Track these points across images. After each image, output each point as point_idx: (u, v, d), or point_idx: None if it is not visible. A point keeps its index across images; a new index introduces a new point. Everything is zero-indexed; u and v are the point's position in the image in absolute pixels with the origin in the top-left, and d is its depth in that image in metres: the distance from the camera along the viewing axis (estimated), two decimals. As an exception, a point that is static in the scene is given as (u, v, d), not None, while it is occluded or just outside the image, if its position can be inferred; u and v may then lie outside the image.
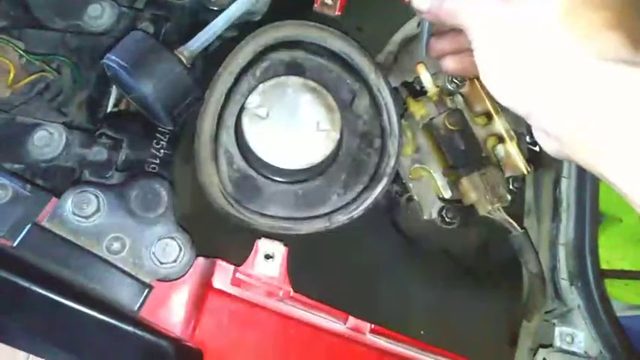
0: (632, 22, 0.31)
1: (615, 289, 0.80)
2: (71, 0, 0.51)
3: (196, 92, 0.46)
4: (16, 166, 0.45)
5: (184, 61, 0.45)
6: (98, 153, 0.47)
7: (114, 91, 0.51)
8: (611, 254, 0.79)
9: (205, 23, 0.48)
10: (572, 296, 0.51)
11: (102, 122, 0.48)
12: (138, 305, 0.40)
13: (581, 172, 0.53)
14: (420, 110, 0.56)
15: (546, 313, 0.54)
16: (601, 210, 0.63)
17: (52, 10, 0.50)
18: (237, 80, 0.51)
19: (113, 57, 0.42)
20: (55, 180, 0.45)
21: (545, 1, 0.31)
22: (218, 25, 0.47)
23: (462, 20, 0.35)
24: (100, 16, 0.49)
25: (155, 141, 0.49)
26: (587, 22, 0.31)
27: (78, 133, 0.47)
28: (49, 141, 0.45)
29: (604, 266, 0.80)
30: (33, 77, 0.50)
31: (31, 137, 0.45)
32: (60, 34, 0.51)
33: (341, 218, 0.49)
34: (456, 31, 0.39)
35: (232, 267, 0.43)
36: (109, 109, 0.50)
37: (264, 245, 0.44)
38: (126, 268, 0.41)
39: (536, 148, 0.59)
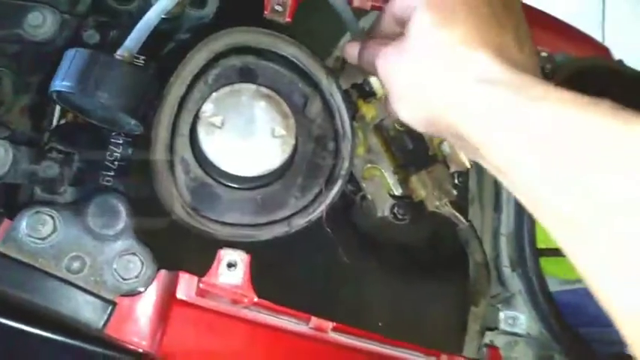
0: (497, 38, 0.36)
1: (551, 265, 0.87)
2: (9, 8, 0.48)
3: (151, 84, 0.46)
4: (-39, 186, 0.43)
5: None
6: (48, 168, 0.45)
7: (59, 104, 0.49)
8: (547, 234, 0.86)
9: (154, 30, 0.47)
10: (514, 282, 0.56)
11: (51, 136, 0.47)
12: (102, 323, 0.40)
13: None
14: (370, 112, 0.58)
15: (492, 297, 0.58)
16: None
17: (-13, 19, 0.48)
18: (189, 88, 0.51)
19: (57, 84, 0.41)
20: (4, 199, 0.44)
21: (418, 45, 0.38)
22: (151, 19, 0.45)
23: (375, 70, 0.43)
24: (41, 24, 0.47)
25: (108, 153, 0.48)
26: (454, 45, 0.36)
27: (25, 149, 0.45)
28: (-6, 159, 0.44)
29: (541, 245, 0.87)
30: (-29, 91, 0.47)
31: (-25, 157, 0.43)
32: (-3, 44, 0.48)
33: (300, 222, 0.50)
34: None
35: (195, 278, 0.44)
36: (55, 122, 0.49)
37: (226, 254, 0.45)
38: (87, 287, 0.41)
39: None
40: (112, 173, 0.47)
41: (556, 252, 0.86)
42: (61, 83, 0.41)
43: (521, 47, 0.36)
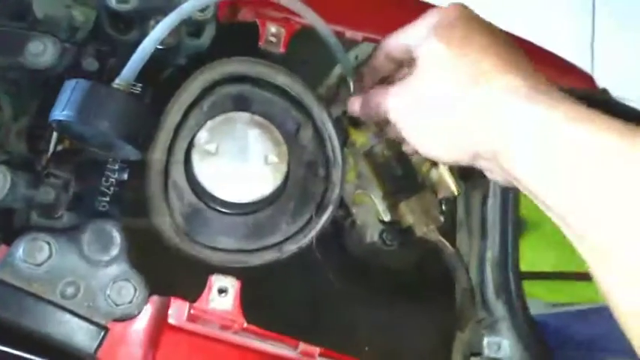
0: (512, 57, 0.37)
1: (536, 289, 0.89)
2: (10, 36, 0.49)
3: (148, 112, 0.47)
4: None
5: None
6: (46, 193, 0.46)
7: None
8: (534, 257, 0.88)
9: (151, 59, 0.48)
10: (498, 308, 0.57)
11: (49, 161, 0.48)
12: (95, 348, 0.41)
13: (505, 193, 0.59)
14: (360, 139, 0.60)
15: (477, 323, 0.59)
16: (524, 217, 0.70)
17: (-11, 47, 0.49)
18: (185, 115, 0.52)
19: (58, 113, 0.42)
20: (1, 223, 0.45)
21: (435, 75, 0.38)
22: (145, 49, 0.46)
23: (385, 110, 0.43)
24: (41, 53, 0.49)
25: (104, 178, 0.50)
26: (481, 71, 0.36)
27: (23, 174, 0.46)
28: (-8, 184, 0.45)
29: (528, 269, 0.89)
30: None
31: (-27, 181, 0.44)
32: (-3, 70, 0.50)
33: (291, 247, 0.51)
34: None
35: (187, 303, 0.45)
36: (51, 148, 0.50)
37: (217, 280, 0.46)
38: (81, 312, 0.42)
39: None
40: (108, 199, 0.48)
41: (540, 275, 0.88)
42: (61, 113, 0.42)
43: (532, 65, 0.37)
